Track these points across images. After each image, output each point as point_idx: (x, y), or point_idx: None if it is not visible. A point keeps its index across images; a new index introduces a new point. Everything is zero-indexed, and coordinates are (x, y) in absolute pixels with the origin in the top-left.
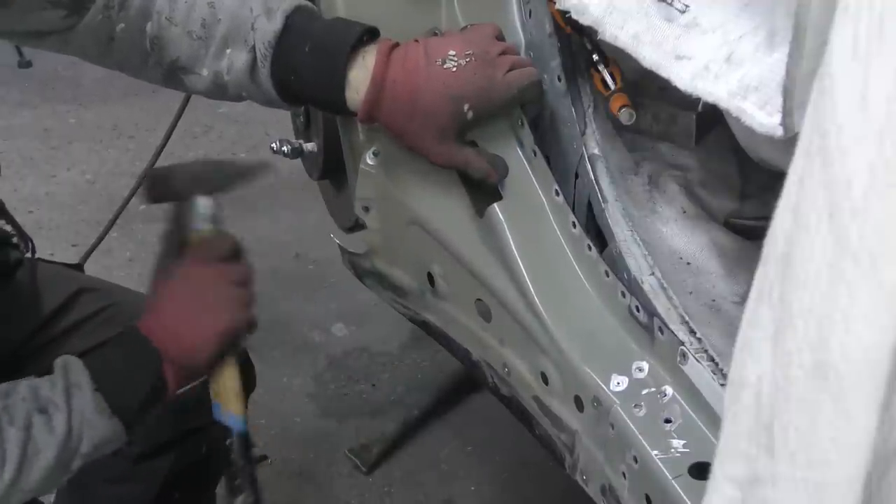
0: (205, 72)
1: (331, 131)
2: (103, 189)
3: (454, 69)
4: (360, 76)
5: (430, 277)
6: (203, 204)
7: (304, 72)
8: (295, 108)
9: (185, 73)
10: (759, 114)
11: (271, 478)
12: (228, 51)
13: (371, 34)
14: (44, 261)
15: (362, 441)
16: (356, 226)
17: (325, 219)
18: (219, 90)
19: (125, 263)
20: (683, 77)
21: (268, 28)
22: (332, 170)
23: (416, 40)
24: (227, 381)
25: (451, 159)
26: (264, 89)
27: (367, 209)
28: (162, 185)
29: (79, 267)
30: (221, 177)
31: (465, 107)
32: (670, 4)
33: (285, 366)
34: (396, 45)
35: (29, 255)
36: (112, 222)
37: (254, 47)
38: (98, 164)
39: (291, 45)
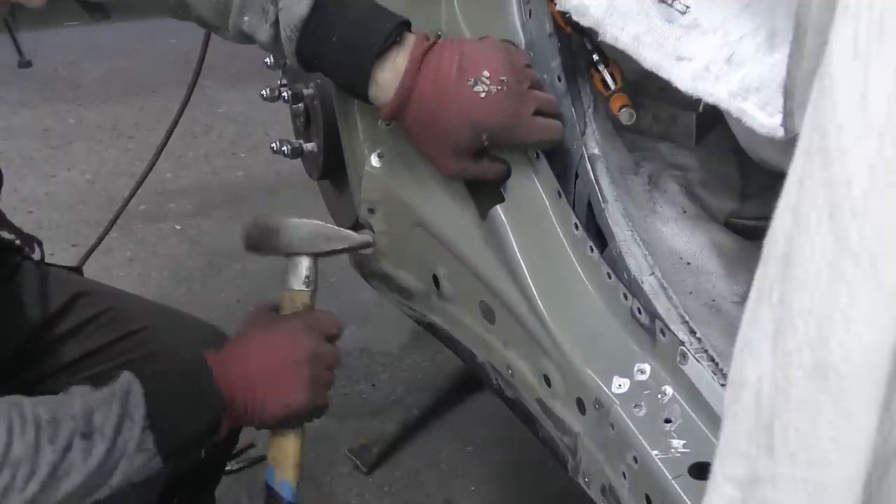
0: (229, 33)
1: (331, 131)
2: (103, 189)
3: (483, 95)
4: (388, 79)
5: (436, 279)
6: (306, 265)
7: (328, 63)
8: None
9: (214, 30)
10: (759, 114)
11: None
12: (246, 18)
13: (406, 26)
14: (46, 264)
15: (362, 441)
16: (356, 226)
17: (325, 219)
18: (248, 43)
19: (125, 263)
20: (684, 78)
21: (294, 11)
22: (332, 170)
23: (455, 44)
24: (290, 450)
25: (463, 174)
26: (290, 62)
27: (372, 211)
28: (265, 235)
29: (78, 270)
30: (325, 242)
31: (484, 136)
32: (670, 5)
33: None
34: (432, 45)
35: (36, 256)
36: (112, 222)
37: (275, 22)
38: (98, 164)
39: (318, 32)
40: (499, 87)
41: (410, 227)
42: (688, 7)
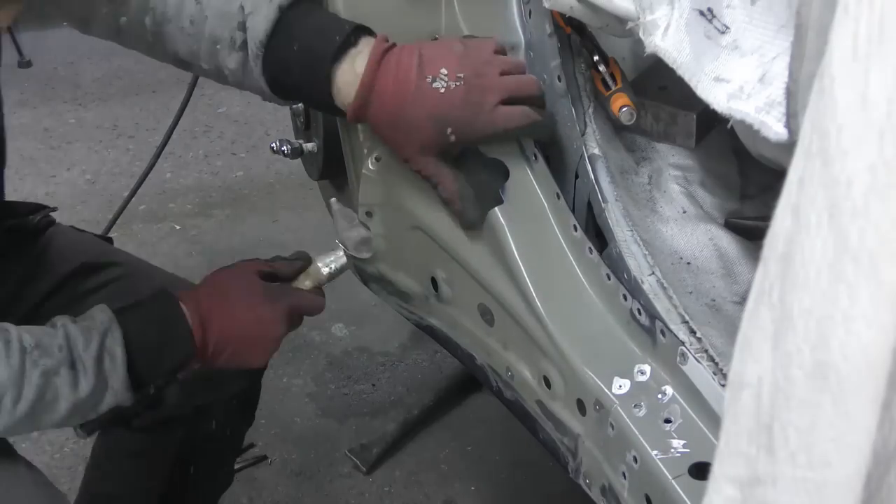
0: (204, 66)
1: (331, 131)
2: (103, 189)
3: (442, 90)
4: (348, 80)
5: (434, 282)
6: (339, 259)
7: (292, 71)
8: (291, 103)
9: (189, 66)
10: (777, 125)
11: (271, 478)
12: (218, 47)
13: (364, 31)
14: (75, 229)
15: (362, 441)
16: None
17: (325, 219)
18: (223, 80)
19: None
20: (720, 98)
21: (259, 28)
22: (332, 170)
23: (414, 45)
24: None
25: (426, 172)
26: (258, 86)
27: (370, 214)
28: (345, 214)
29: (108, 239)
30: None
31: (448, 131)
32: (710, 21)
33: (285, 366)
34: (391, 47)
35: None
36: (112, 222)
37: (244, 44)
38: (98, 164)
39: (281, 45)
40: (457, 84)
41: (408, 229)
42: (727, 27)
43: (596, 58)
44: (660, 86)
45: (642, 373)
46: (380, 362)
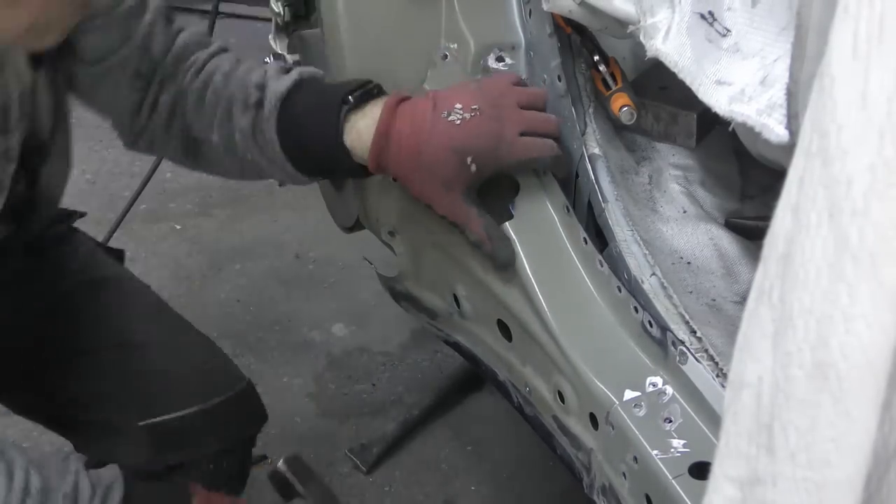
0: (214, 137)
1: None
2: (103, 189)
3: (458, 122)
4: (367, 125)
5: (456, 299)
6: None
7: (305, 120)
8: (303, 174)
9: (198, 148)
10: (778, 128)
11: None
12: (233, 108)
13: (376, 89)
14: (97, 242)
15: (362, 441)
16: (356, 226)
17: (326, 219)
18: (231, 151)
19: (126, 263)
20: (721, 101)
21: (280, 87)
22: None
23: (427, 94)
24: None
25: (453, 213)
26: (269, 143)
27: (392, 234)
28: None
29: (119, 253)
30: None
31: (469, 160)
32: (711, 25)
33: (285, 366)
34: (406, 98)
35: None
36: (118, 223)
37: (258, 102)
38: (98, 164)
39: (297, 99)
40: (472, 114)
41: (428, 247)
42: (728, 30)
43: (596, 57)
44: (660, 86)
45: (654, 385)
46: (380, 362)
